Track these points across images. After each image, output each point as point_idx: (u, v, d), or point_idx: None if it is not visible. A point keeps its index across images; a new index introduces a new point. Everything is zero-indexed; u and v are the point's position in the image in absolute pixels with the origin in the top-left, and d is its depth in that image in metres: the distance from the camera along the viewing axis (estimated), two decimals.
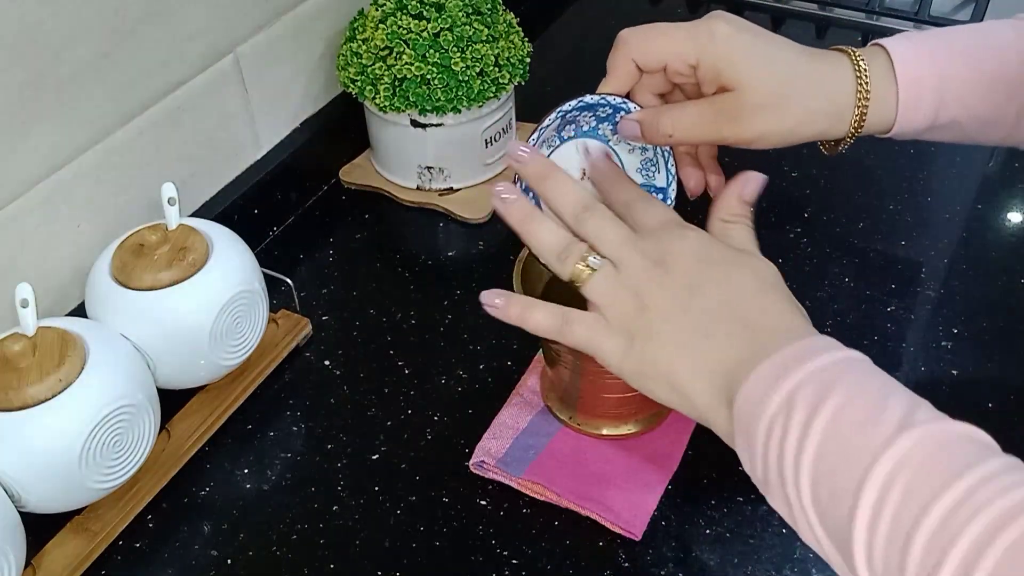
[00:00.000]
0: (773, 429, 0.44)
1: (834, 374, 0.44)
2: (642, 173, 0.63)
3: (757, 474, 0.46)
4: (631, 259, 0.52)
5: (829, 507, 0.42)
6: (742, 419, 0.46)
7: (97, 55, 0.70)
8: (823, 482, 0.42)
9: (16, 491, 0.61)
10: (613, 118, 0.60)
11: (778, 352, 0.46)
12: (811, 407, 0.43)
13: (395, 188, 0.95)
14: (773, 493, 0.46)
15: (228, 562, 0.65)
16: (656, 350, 0.50)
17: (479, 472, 0.69)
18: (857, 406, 0.42)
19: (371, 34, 0.87)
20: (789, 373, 0.45)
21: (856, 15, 1.18)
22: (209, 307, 0.69)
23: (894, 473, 0.39)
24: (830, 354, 0.45)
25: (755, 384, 0.46)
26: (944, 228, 0.90)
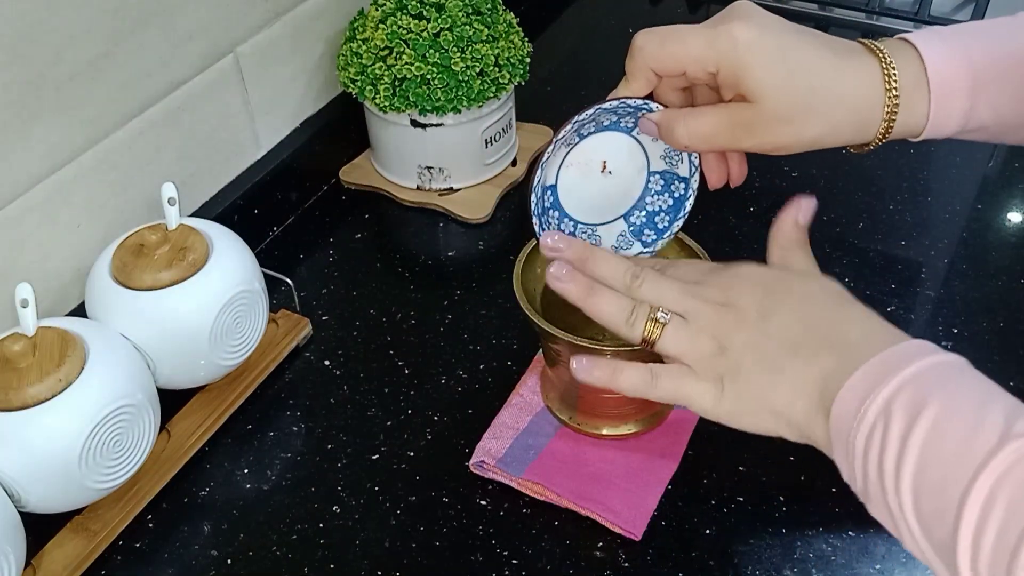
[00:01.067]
0: (872, 440, 0.44)
1: (930, 380, 0.43)
2: (665, 160, 0.62)
3: (857, 484, 0.46)
4: (697, 307, 0.53)
5: (932, 521, 0.41)
6: (840, 430, 0.46)
7: (97, 55, 0.70)
8: (925, 496, 0.41)
9: (16, 491, 0.61)
10: (635, 115, 0.59)
11: (870, 360, 0.46)
12: (909, 418, 0.42)
13: (395, 188, 0.95)
14: (874, 503, 0.45)
15: (228, 562, 0.65)
16: (747, 385, 0.50)
17: (479, 472, 0.69)
18: (955, 416, 0.42)
19: (371, 34, 0.87)
20: (883, 382, 0.44)
21: (856, 15, 1.18)
22: (209, 307, 0.69)
23: (996, 488, 0.39)
24: (924, 359, 0.45)
25: (851, 394, 0.45)
26: (944, 228, 0.90)
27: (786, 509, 0.67)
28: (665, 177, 0.63)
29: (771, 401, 0.50)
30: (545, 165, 0.60)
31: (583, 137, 0.61)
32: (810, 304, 0.51)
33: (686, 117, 0.56)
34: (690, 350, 0.53)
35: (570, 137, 0.60)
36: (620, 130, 0.61)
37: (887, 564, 0.63)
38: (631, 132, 0.61)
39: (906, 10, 1.17)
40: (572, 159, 0.61)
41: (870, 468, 0.44)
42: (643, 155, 0.62)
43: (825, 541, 0.65)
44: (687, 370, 0.53)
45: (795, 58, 0.52)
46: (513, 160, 0.97)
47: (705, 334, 0.52)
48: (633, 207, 0.64)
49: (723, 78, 0.54)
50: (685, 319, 0.53)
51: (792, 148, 0.55)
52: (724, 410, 0.52)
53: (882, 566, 0.63)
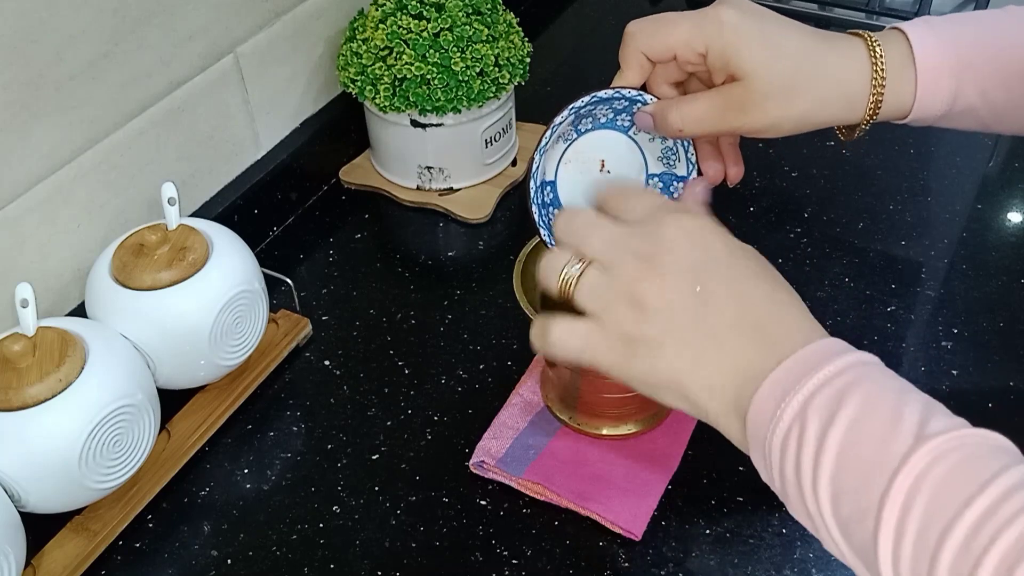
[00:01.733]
0: (788, 443, 0.43)
1: (845, 381, 0.43)
2: (663, 162, 0.63)
3: (776, 487, 0.45)
4: (620, 259, 0.49)
5: (851, 524, 0.41)
6: (756, 432, 0.45)
7: (97, 55, 0.70)
8: (843, 499, 0.41)
9: (16, 491, 0.61)
10: (630, 109, 0.60)
11: (787, 360, 0.44)
12: (824, 420, 0.42)
13: (395, 188, 0.95)
14: (794, 506, 0.45)
15: (228, 562, 0.65)
16: (661, 361, 0.47)
17: (479, 472, 0.69)
18: (871, 418, 0.41)
19: (371, 34, 0.87)
20: (800, 383, 0.43)
21: (856, 15, 1.18)
22: (209, 307, 0.69)
23: (913, 490, 0.39)
24: (840, 359, 0.44)
25: (765, 398, 0.44)
26: (944, 228, 0.90)
27: (786, 509, 0.67)
28: (663, 179, 0.63)
29: (681, 385, 0.47)
30: (543, 156, 0.60)
31: (581, 133, 0.61)
32: (746, 283, 0.48)
33: (679, 102, 0.57)
34: (604, 308, 0.48)
35: (568, 131, 0.60)
36: (617, 129, 0.61)
37: None
38: (627, 132, 0.61)
39: (906, 10, 1.17)
40: (571, 155, 0.61)
41: (787, 470, 0.44)
42: (640, 157, 0.63)
43: None
44: (598, 330, 0.49)
45: (779, 36, 0.55)
46: (513, 160, 0.97)
47: (622, 290, 0.48)
48: None
49: (712, 60, 0.55)
50: (605, 271, 0.49)
51: (783, 125, 0.56)
52: (636, 375, 0.48)
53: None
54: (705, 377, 0.47)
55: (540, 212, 0.61)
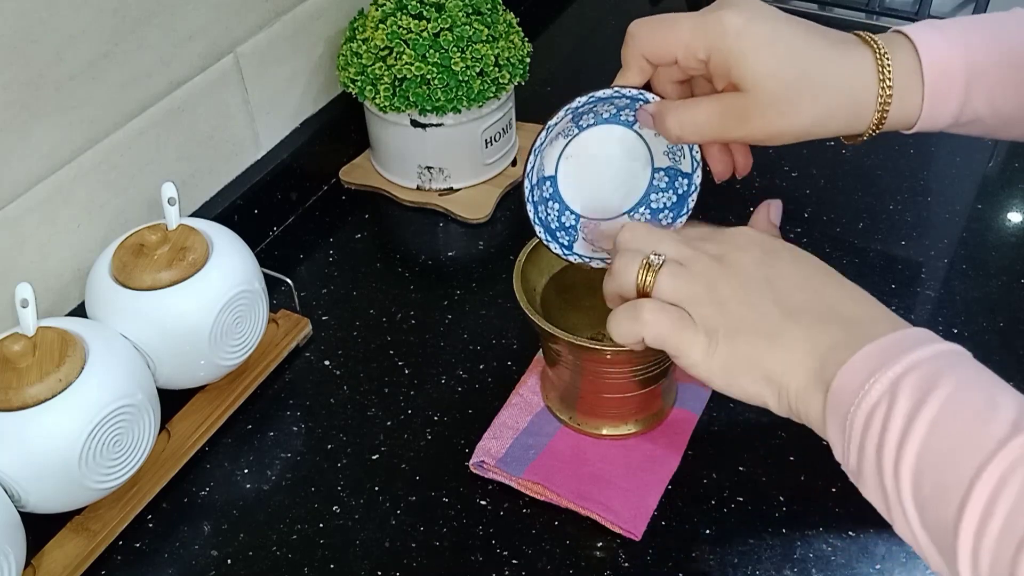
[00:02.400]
0: (873, 417, 0.43)
1: (939, 365, 0.43)
2: (669, 156, 0.62)
3: (850, 463, 0.45)
4: (695, 256, 0.51)
5: (932, 503, 0.40)
6: (838, 405, 0.44)
7: (97, 55, 0.70)
8: (927, 476, 0.41)
9: (16, 491, 0.61)
10: (633, 106, 0.59)
11: (880, 339, 0.44)
12: (916, 398, 0.41)
13: (395, 188, 0.95)
14: (867, 483, 0.44)
15: (228, 562, 0.65)
16: (742, 344, 0.48)
17: (479, 472, 0.69)
18: (965, 401, 0.41)
19: (371, 34, 0.87)
20: (892, 361, 0.43)
21: (856, 15, 1.18)
22: (209, 307, 0.69)
23: (1007, 475, 0.38)
24: (933, 345, 0.44)
25: (855, 369, 0.44)
26: (944, 228, 0.90)
27: (786, 509, 0.67)
28: (669, 174, 0.63)
29: (766, 366, 0.48)
30: (541, 153, 0.59)
31: (583, 129, 0.60)
32: (810, 273, 0.49)
33: (677, 108, 0.56)
34: (686, 294, 0.50)
35: (568, 127, 0.60)
36: (621, 123, 0.61)
37: (887, 564, 0.63)
38: (633, 126, 0.61)
39: (906, 10, 1.17)
40: (572, 150, 0.61)
41: (868, 445, 0.43)
42: (646, 150, 0.62)
43: (825, 541, 0.65)
44: (683, 316, 0.50)
45: (785, 45, 0.53)
46: (513, 160, 0.97)
47: (701, 280, 0.50)
48: (637, 204, 0.64)
49: (714, 66, 0.54)
50: (682, 265, 0.51)
51: (784, 137, 0.54)
52: (716, 365, 0.49)
53: (882, 566, 0.63)
54: (787, 355, 0.47)
55: (536, 209, 0.61)
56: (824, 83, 0.53)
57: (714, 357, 0.49)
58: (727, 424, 0.72)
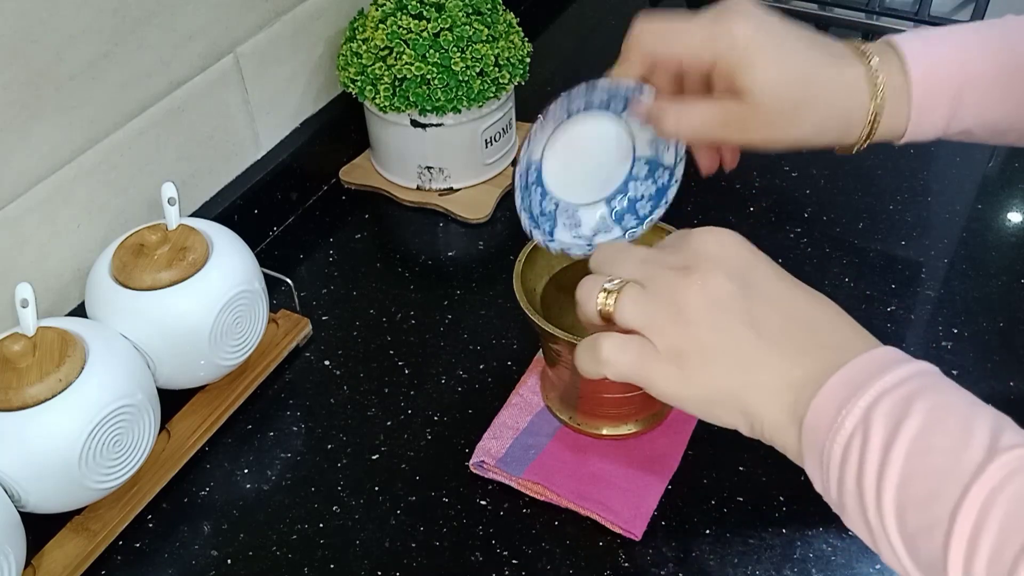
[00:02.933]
0: (849, 451, 0.41)
1: (910, 389, 0.42)
2: (652, 147, 0.62)
3: (831, 496, 0.44)
4: (656, 273, 0.48)
5: (918, 536, 0.40)
6: (813, 440, 0.43)
7: (97, 55, 0.70)
8: (909, 512, 0.40)
9: (16, 491, 0.61)
10: (625, 97, 0.59)
11: (845, 366, 0.43)
12: (890, 428, 0.40)
13: (395, 188, 0.95)
14: (851, 518, 0.43)
15: (228, 562, 0.65)
16: (713, 372, 0.46)
17: (479, 472, 0.69)
18: (940, 428, 0.40)
19: (371, 34, 0.87)
20: (862, 389, 0.42)
21: (856, 15, 1.18)
22: (209, 307, 0.69)
23: (988, 504, 0.37)
24: (902, 367, 0.43)
25: (827, 401, 0.43)
26: (944, 228, 0.90)
27: (786, 509, 0.67)
28: (650, 164, 0.63)
29: (741, 398, 0.46)
30: (532, 140, 0.59)
31: (571, 115, 0.60)
32: (784, 289, 0.47)
33: (678, 109, 0.56)
34: (646, 317, 0.47)
35: (559, 114, 0.60)
36: (609, 112, 0.61)
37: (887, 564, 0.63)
38: (620, 114, 0.61)
39: (906, 10, 1.17)
40: (559, 137, 0.61)
41: (847, 480, 0.42)
42: (630, 139, 0.62)
43: (825, 541, 0.65)
44: (645, 347, 0.47)
45: (790, 58, 0.53)
46: (513, 160, 0.97)
47: (664, 301, 0.47)
48: (615, 191, 0.64)
49: (718, 73, 0.54)
50: (643, 286, 0.48)
51: (776, 146, 0.55)
52: (690, 396, 0.47)
53: (882, 566, 0.63)
54: (761, 383, 0.45)
55: (523, 195, 0.61)
56: (822, 99, 0.54)
57: (688, 387, 0.47)
58: None
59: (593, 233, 0.63)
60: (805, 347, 0.45)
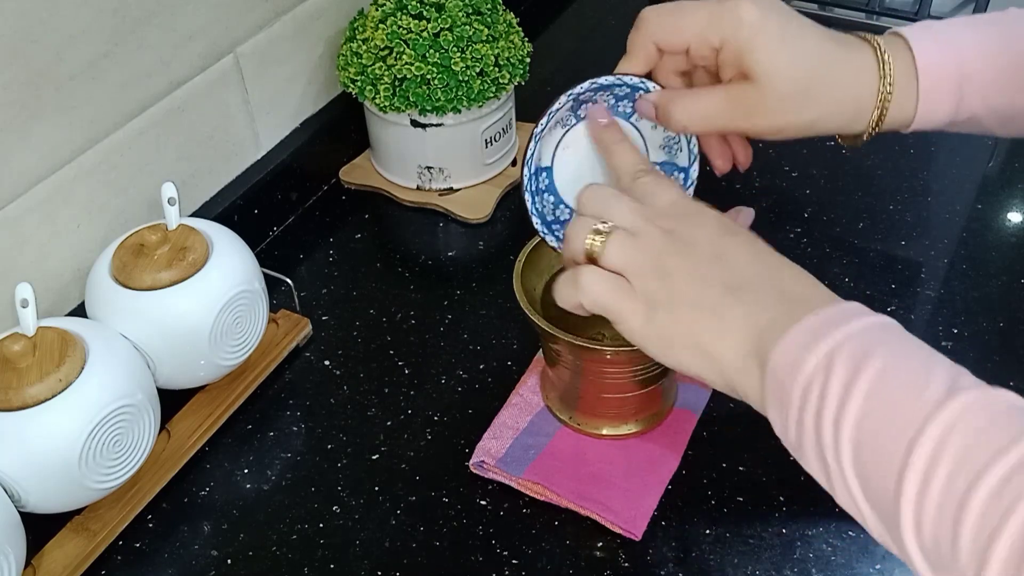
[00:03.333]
0: (810, 391, 0.43)
1: (872, 337, 0.43)
2: (665, 150, 0.62)
3: (790, 438, 0.45)
4: (646, 228, 0.51)
5: (873, 472, 0.41)
6: (775, 381, 0.45)
7: (97, 55, 0.70)
8: (866, 446, 0.41)
9: (16, 491, 0.61)
10: (632, 96, 0.59)
11: (813, 314, 0.45)
12: (852, 369, 0.42)
13: (395, 188, 0.95)
14: (808, 457, 0.44)
15: (228, 562, 0.65)
16: (681, 315, 0.48)
17: (479, 472, 0.69)
18: (900, 370, 0.41)
19: (371, 34, 0.87)
20: (826, 334, 0.43)
21: (856, 15, 1.18)
22: (209, 307, 0.69)
23: (944, 439, 0.38)
24: (866, 318, 0.44)
25: (791, 344, 0.44)
26: (944, 228, 0.90)
27: (786, 509, 0.67)
28: (664, 169, 0.62)
29: (702, 339, 0.48)
30: (540, 141, 0.59)
31: (580, 119, 0.60)
32: (763, 258, 0.50)
33: (684, 97, 0.56)
34: (631, 263, 0.50)
35: (566, 116, 0.59)
36: (618, 115, 0.60)
37: (887, 564, 0.63)
38: (629, 118, 0.60)
39: (906, 10, 1.17)
40: (569, 141, 0.60)
41: (806, 418, 0.43)
42: (642, 144, 0.62)
43: (825, 541, 0.65)
44: (626, 285, 0.50)
45: (797, 40, 0.54)
46: (513, 160, 0.97)
47: (648, 252, 0.50)
48: None
49: (725, 56, 0.54)
50: (632, 235, 0.51)
51: (787, 131, 0.55)
52: (653, 334, 0.49)
53: (882, 566, 0.63)
54: (723, 328, 0.47)
55: (533, 200, 0.61)
56: (831, 80, 0.54)
57: (651, 326, 0.49)
58: (727, 424, 0.72)
59: None
60: (771, 297, 0.47)
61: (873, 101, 0.55)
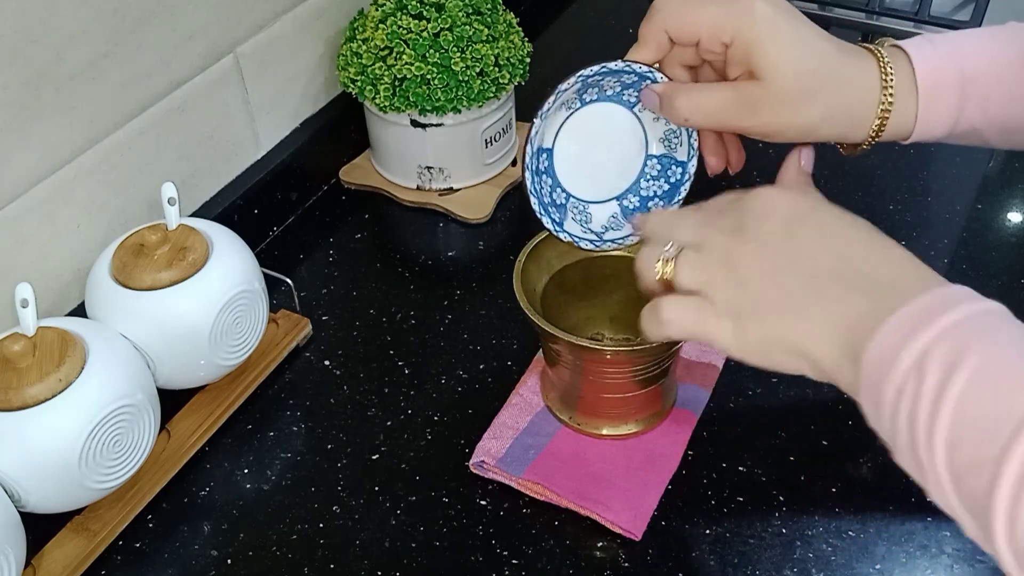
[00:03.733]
0: (904, 390, 0.42)
1: (967, 331, 0.42)
2: (664, 144, 0.62)
3: (884, 432, 0.45)
4: (709, 236, 0.50)
5: (966, 474, 0.40)
6: (869, 377, 0.44)
7: (97, 55, 0.70)
8: (959, 449, 0.40)
9: (16, 491, 0.61)
10: (638, 85, 0.59)
11: (906, 305, 0.44)
12: (945, 370, 0.41)
13: (395, 188, 0.95)
14: (902, 453, 0.44)
15: (228, 562, 0.65)
16: (769, 321, 0.48)
17: (479, 472, 0.69)
18: (995, 369, 0.41)
19: (371, 34, 0.87)
20: (920, 330, 0.43)
21: (856, 15, 1.18)
22: (209, 307, 0.69)
23: None
24: (964, 307, 0.43)
25: (883, 341, 0.44)
26: (944, 228, 0.90)
27: (786, 509, 0.67)
28: (662, 162, 0.63)
29: (796, 340, 0.47)
30: (545, 119, 0.59)
31: (585, 103, 0.60)
32: (839, 235, 0.49)
33: (689, 90, 0.56)
34: (705, 281, 0.50)
35: (572, 99, 0.59)
36: (623, 104, 0.60)
37: (887, 564, 0.63)
38: (633, 108, 0.61)
39: (906, 10, 1.17)
40: (571, 125, 0.61)
41: (900, 419, 0.43)
42: (643, 135, 0.62)
43: (825, 541, 0.65)
44: (709, 306, 0.50)
45: (806, 42, 0.54)
46: (513, 160, 0.97)
47: (719, 263, 0.49)
48: (627, 190, 0.64)
49: (734, 51, 0.55)
50: (699, 250, 0.51)
51: (787, 133, 0.56)
52: (749, 346, 0.49)
53: (882, 566, 0.63)
54: (814, 325, 0.47)
55: (533, 179, 0.61)
56: (835, 84, 0.55)
57: (745, 339, 0.49)
58: (727, 424, 0.72)
59: (604, 230, 0.63)
60: (857, 287, 0.46)
61: (874, 109, 0.55)
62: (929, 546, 0.64)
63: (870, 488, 0.68)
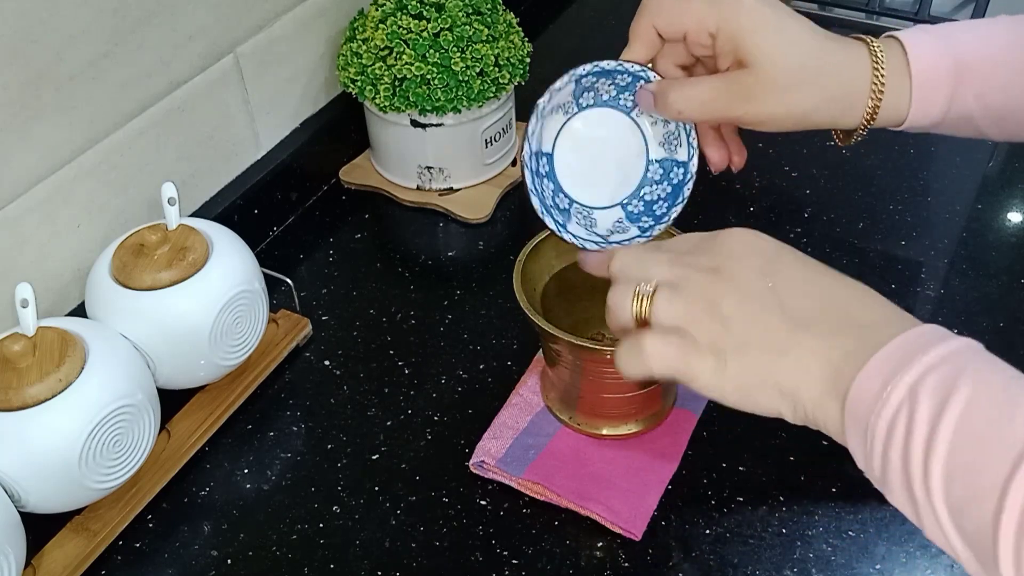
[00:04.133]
0: (895, 425, 0.42)
1: (955, 365, 0.42)
2: (664, 147, 0.62)
3: (874, 472, 0.44)
4: (686, 275, 0.49)
5: (966, 508, 0.40)
6: (856, 415, 0.44)
7: (97, 55, 0.70)
8: (957, 481, 0.40)
9: (16, 491, 0.61)
10: (633, 87, 0.59)
11: (889, 343, 0.44)
12: (937, 403, 0.41)
13: (395, 188, 0.95)
14: (895, 492, 0.43)
15: (228, 562, 0.65)
16: (754, 361, 0.47)
17: (479, 472, 0.69)
18: (987, 401, 0.40)
19: (371, 34, 0.87)
20: (907, 365, 0.42)
21: (856, 15, 1.18)
22: (209, 307, 0.69)
23: None
24: (945, 344, 0.43)
25: (871, 377, 0.43)
26: (944, 228, 0.90)
27: (786, 509, 0.67)
28: (664, 165, 0.63)
29: (778, 380, 0.47)
30: (542, 119, 0.59)
31: (582, 108, 0.60)
32: (814, 277, 0.49)
33: (681, 84, 0.57)
34: (686, 317, 0.48)
35: (568, 103, 0.60)
36: (620, 109, 0.61)
37: (887, 564, 0.63)
38: (630, 113, 0.61)
39: (906, 10, 1.17)
40: (569, 130, 0.61)
41: (892, 454, 0.42)
42: (642, 141, 0.62)
43: (825, 541, 0.65)
44: (686, 340, 0.48)
45: (793, 29, 0.55)
46: (513, 160, 0.97)
47: (698, 300, 0.48)
48: (631, 196, 0.64)
49: (722, 42, 0.55)
50: (675, 288, 0.49)
51: (780, 120, 0.56)
52: (729, 385, 0.48)
53: (882, 566, 0.63)
54: (797, 363, 0.46)
55: (533, 179, 0.61)
56: (826, 69, 0.55)
57: (725, 377, 0.48)
58: (727, 424, 0.72)
59: (608, 233, 0.63)
60: (841, 327, 0.46)
61: (866, 93, 0.56)
62: (929, 546, 0.64)
63: (870, 488, 0.68)
